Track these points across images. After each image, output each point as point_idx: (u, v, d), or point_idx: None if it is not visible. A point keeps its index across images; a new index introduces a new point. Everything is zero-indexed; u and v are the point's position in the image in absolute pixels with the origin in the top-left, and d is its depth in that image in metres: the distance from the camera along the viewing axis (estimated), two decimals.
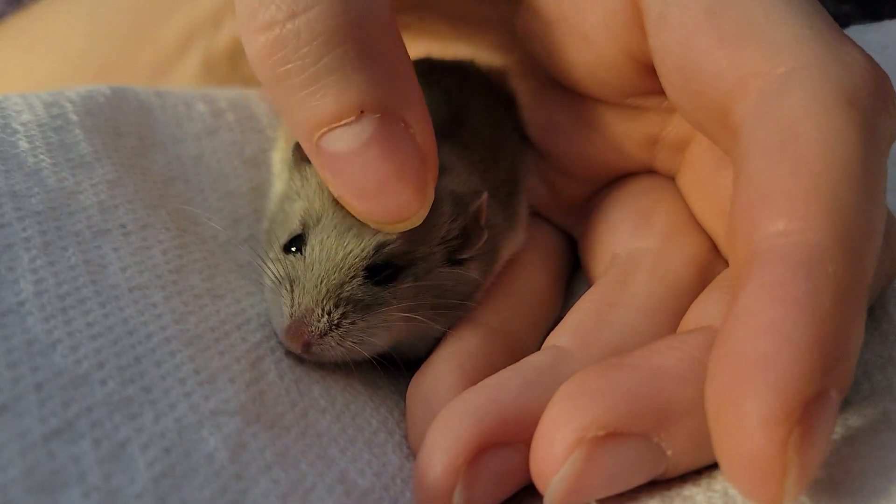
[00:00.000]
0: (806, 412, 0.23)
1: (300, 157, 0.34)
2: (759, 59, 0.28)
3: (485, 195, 0.33)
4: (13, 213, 0.30)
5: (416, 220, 0.31)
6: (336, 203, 0.32)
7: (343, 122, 0.29)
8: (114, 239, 0.31)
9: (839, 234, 0.24)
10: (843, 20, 0.45)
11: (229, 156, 0.39)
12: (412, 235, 0.32)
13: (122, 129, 0.37)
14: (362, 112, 0.29)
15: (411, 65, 0.31)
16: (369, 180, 0.30)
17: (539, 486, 0.27)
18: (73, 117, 0.35)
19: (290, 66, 0.29)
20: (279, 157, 0.38)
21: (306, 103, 0.29)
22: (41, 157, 0.33)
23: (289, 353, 0.32)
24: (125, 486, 0.23)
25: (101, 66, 0.49)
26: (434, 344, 0.34)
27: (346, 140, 0.29)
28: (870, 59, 0.28)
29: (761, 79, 0.27)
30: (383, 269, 0.32)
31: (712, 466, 0.28)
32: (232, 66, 0.48)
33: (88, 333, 0.27)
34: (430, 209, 0.32)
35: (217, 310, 0.31)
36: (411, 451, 0.31)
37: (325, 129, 0.30)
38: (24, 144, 0.33)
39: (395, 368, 0.34)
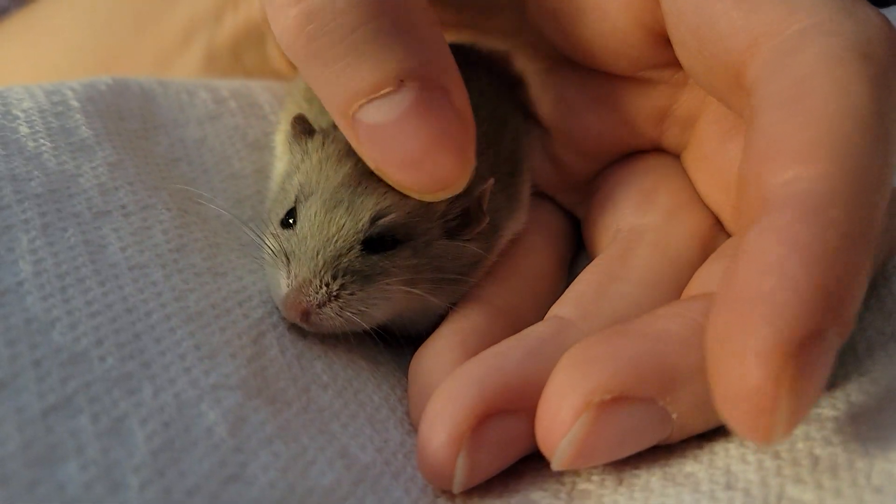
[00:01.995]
0: (801, 349, 0.23)
1: (300, 130, 0.34)
2: (773, 18, 0.28)
3: (490, 181, 0.33)
4: (12, 195, 0.30)
5: (459, 187, 0.31)
6: (328, 178, 0.32)
7: (381, 93, 0.29)
8: (114, 220, 0.31)
9: (848, 183, 0.24)
10: None
11: (232, 139, 0.39)
12: (410, 209, 0.32)
13: (124, 113, 0.37)
14: (402, 82, 0.29)
15: (442, 34, 0.31)
16: (411, 149, 0.29)
17: (545, 450, 0.27)
18: (74, 103, 0.35)
19: (324, 38, 0.29)
20: (281, 139, 0.38)
21: (342, 76, 0.29)
22: (41, 141, 0.33)
23: (291, 328, 0.32)
24: (124, 459, 0.23)
25: (104, 59, 0.49)
26: (436, 320, 0.33)
27: (386, 110, 0.29)
28: (884, 17, 0.28)
29: (776, 37, 0.28)
30: (382, 241, 0.32)
31: (715, 443, 0.28)
32: (234, 58, 0.48)
33: (87, 311, 0.27)
34: None
35: (218, 287, 0.31)
36: (412, 426, 0.31)
37: (363, 100, 0.29)
38: (24, 129, 0.33)
39: (397, 345, 0.34)
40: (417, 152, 0.29)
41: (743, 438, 0.25)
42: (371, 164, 0.31)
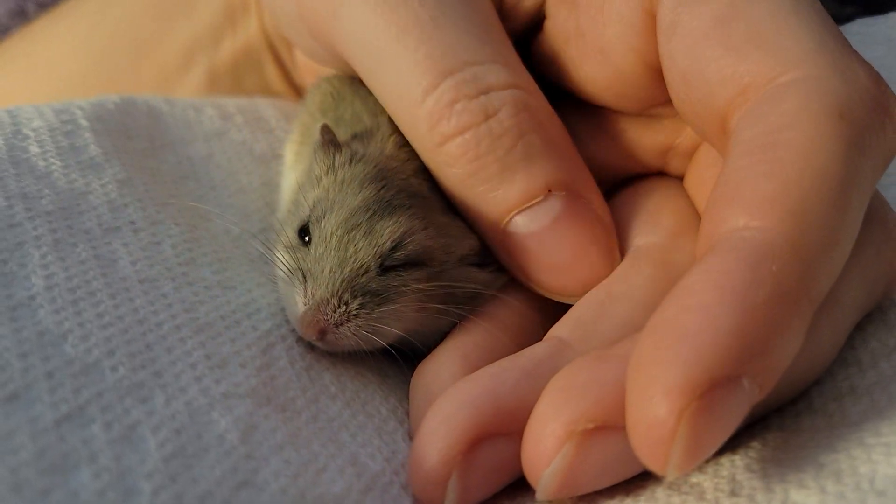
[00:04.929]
0: (709, 391, 0.23)
1: (328, 140, 0.34)
2: (762, 70, 0.28)
3: None
4: (24, 213, 0.31)
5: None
6: (348, 198, 0.32)
7: (532, 203, 0.32)
8: (123, 235, 0.31)
9: (795, 239, 0.25)
10: (847, 21, 0.46)
11: (239, 154, 0.39)
12: (430, 237, 0.32)
13: (132, 132, 0.37)
14: (550, 191, 0.32)
15: (574, 146, 0.34)
16: (563, 254, 0.32)
17: (530, 480, 0.27)
18: (83, 122, 0.35)
19: (482, 159, 0.32)
20: (293, 150, 0.39)
21: (497, 191, 0.32)
22: (51, 160, 0.33)
23: (299, 340, 0.32)
24: (136, 465, 0.24)
25: (104, 87, 0.49)
26: (444, 337, 0.33)
27: (537, 218, 0.32)
28: (876, 78, 0.28)
29: (762, 88, 0.28)
30: (399, 262, 0.32)
31: (720, 455, 0.28)
32: (235, 81, 0.48)
33: (99, 323, 0.28)
34: (458, 221, 0.34)
35: (227, 300, 0.31)
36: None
37: (515, 211, 0.32)
38: (34, 149, 0.33)
39: (404, 358, 0.34)
40: (568, 257, 0.32)
41: (644, 464, 0.25)
42: (518, 274, 0.33)
